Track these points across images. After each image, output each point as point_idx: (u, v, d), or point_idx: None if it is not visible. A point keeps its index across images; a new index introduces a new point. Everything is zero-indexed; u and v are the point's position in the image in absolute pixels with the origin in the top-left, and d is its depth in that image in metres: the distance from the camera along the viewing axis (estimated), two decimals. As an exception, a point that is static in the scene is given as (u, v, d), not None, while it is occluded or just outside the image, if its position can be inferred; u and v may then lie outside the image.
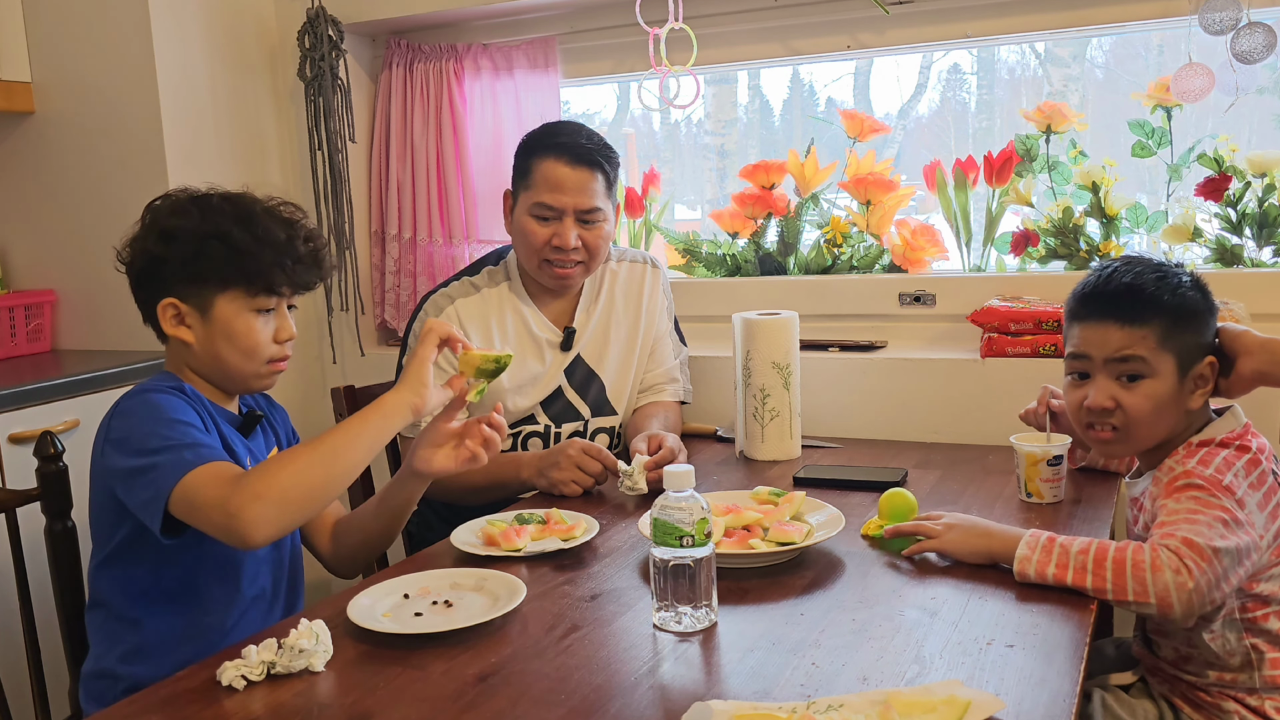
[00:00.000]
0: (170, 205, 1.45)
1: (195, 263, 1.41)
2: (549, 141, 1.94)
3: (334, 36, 2.58)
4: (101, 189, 2.56)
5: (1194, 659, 1.41)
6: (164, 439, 1.31)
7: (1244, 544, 1.26)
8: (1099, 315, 1.43)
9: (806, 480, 1.78)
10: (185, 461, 1.29)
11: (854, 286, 2.36)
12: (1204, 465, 1.34)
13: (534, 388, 2.00)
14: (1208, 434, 1.40)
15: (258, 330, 1.44)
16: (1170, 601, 1.20)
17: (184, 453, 1.30)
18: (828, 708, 0.98)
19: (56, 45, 2.55)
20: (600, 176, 1.93)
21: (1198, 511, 1.28)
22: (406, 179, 2.66)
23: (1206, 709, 1.39)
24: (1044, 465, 1.61)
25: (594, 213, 1.93)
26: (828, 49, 2.37)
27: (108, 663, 1.42)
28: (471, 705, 1.06)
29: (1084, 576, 1.24)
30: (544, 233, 1.92)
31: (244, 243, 1.41)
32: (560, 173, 1.91)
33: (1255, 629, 1.36)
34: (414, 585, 1.34)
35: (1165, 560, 1.21)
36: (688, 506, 1.19)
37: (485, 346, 1.98)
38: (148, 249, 1.43)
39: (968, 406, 2.11)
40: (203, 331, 1.43)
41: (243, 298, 1.43)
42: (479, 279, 2.04)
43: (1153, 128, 2.17)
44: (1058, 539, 1.29)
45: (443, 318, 1.98)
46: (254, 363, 1.45)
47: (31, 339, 2.63)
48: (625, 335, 2.09)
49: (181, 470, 1.28)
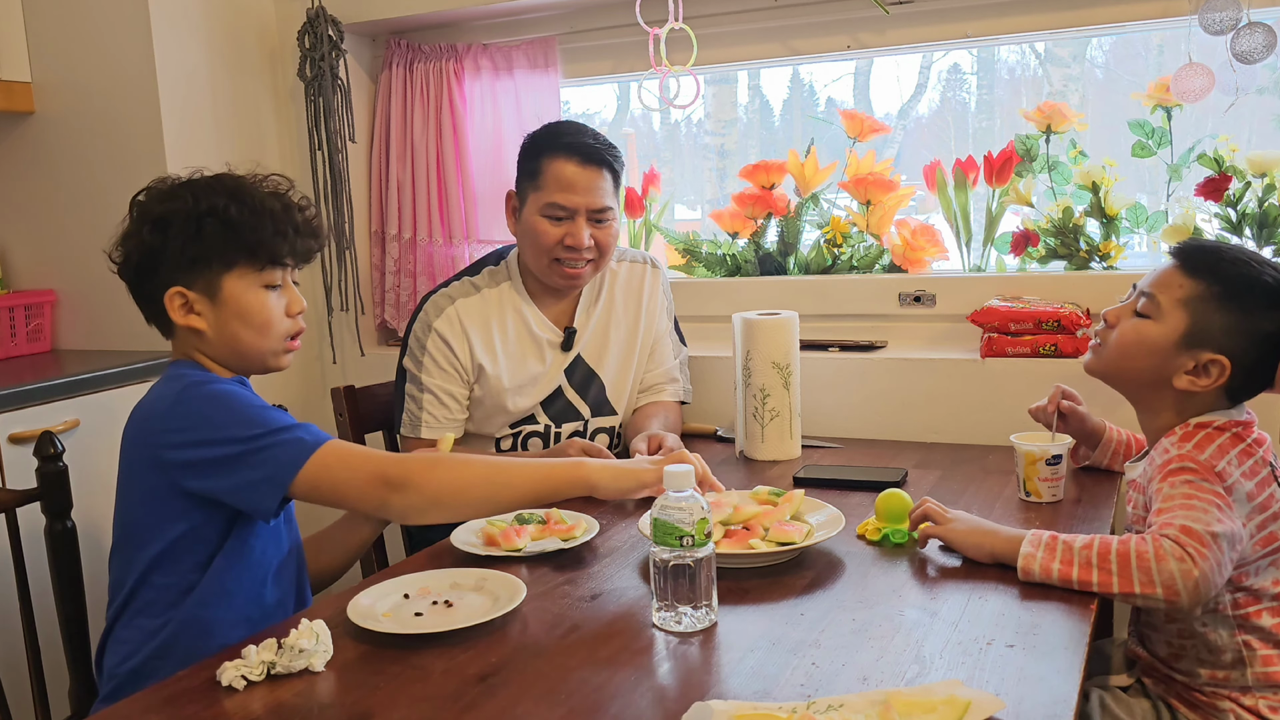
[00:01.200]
0: (157, 193, 1.41)
1: (195, 244, 1.37)
2: (558, 142, 1.94)
3: (334, 36, 2.58)
4: (101, 189, 2.56)
5: (1186, 656, 1.41)
6: (258, 424, 1.32)
7: (1235, 530, 1.26)
8: (1176, 259, 1.44)
9: (806, 480, 1.78)
10: (304, 443, 1.32)
11: (854, 286, 2.36)
12: (1198, 450, 1.34)
13: (534, 387, 2.00)
14: (1206, 418, 1.40)
15: (270, 305, 1.42)
16: (1177, 590, 1.20)
17: (297, 432, 1.33)
18: (828, 708, 0.98)
19: (56, 45, 2.55)
20: (609, 175, 1.94)
21: (1193, 497, 1.28)
22: (406, 179, 2.66)
23: (1202, 709, 1.39)
24: (1042, 465, 1.61)
25: (605, 211, 1.93)
26: (828, 49, 2.37)
27: (136, 661, 1.38)
28: (471, 705, 1.06)
29: (1089, 572, 1.25)
30: (556, 232, 1.92)
31: (242, 216, 1.38)
32: (571, 172, 1.91)
33: (1247, 625, 1.36)
34: (414, 585, 1.34)
35: (1168, 550, 1.21)
36: (688, 506, 1.19)
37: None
38: (142, 241, 1.39)
39: (968, 406, 2.11)
40: (214, 316, 1.40)
41: (251, 274, 1.40)
42: (479, 279, 2.04)
43: (1153, 128, 2.17)
44: (1060, 537, 1.30)
45: (443, 318, 1.98)
46: (271, 339, 1.43)
47: (31, 339, 2.63)
48: (625, 335, 2.09)
49: (306, 449, 1.31)
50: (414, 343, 2.00)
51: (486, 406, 1.99)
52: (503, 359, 1.99)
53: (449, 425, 1.98)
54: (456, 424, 2.00)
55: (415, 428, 1.98)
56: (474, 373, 1.98)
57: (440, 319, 1.98)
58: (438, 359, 1.97)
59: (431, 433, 1.97)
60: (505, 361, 1.99)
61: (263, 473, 1.31)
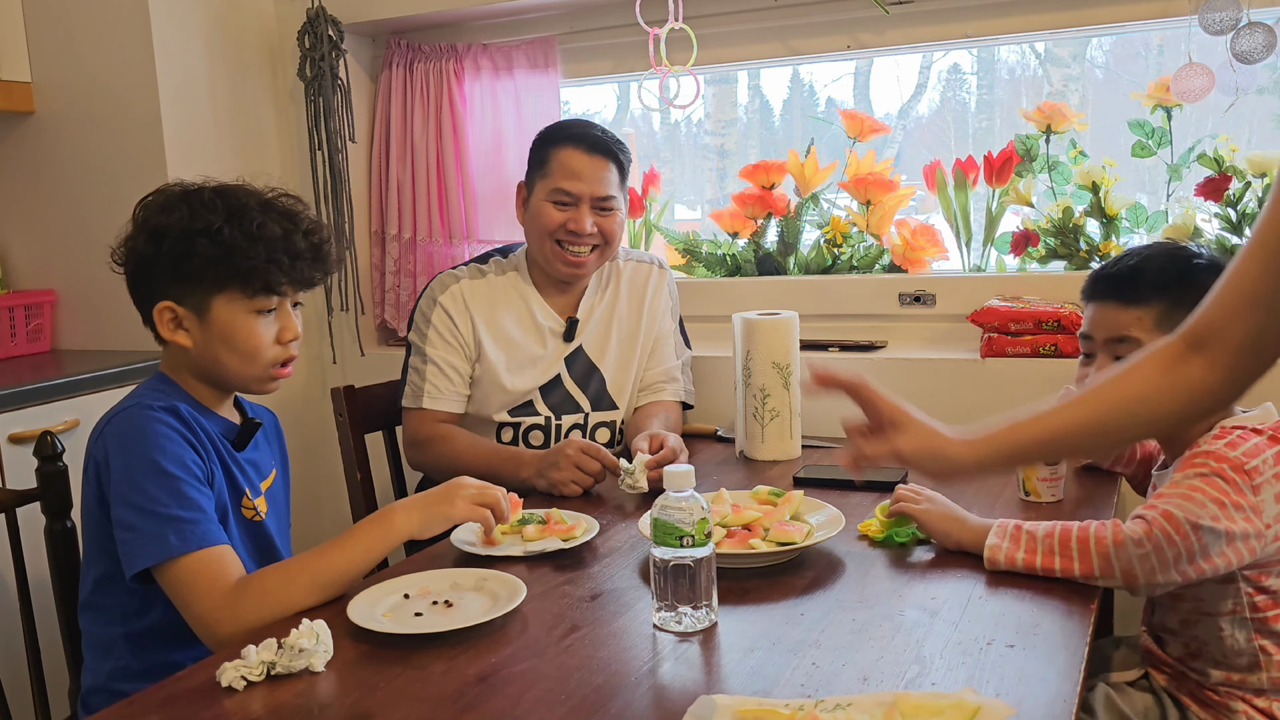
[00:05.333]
0: (160, 201, 1.38)
1: (185, 263, 1.34)
2: (566, 133, 2.01)
3: (334, 36, 2.58)
4: (101, 189, 2.56)
5: (1201, 656, 1.40)
6: (152, 499, 1.28)
7: (1239, 530, 1.25)
8: (1103, 296, 1.47)
9: (806, 480, 1.78)
10: (170, 546, 1.26)
11: (854, 286, 2.36)
12: (1231, 447, 1.31)
13: (533, 369, 2.02)
14: (1241, 420, 1.37)
15: (258, 333, 1.38)
16: (1134, 574, 1.23)
17: (168, 533, 1.27)
18: (835, 706, 0.98)
19: (56, 45, 2.55)
20: (615, 167, 2.00)
21: (1197, 489, 1.27)
22: (406, 179, 2.66)
23: (1215, 708, 1.39)
24: (1041, 465, 1.61)
25: (609, 200, 1.98)
26: (828, 49, 2.37)
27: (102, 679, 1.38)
28: (471, 705, 1.06)
29: (1052, 559, 1.27)
30: (560, 216, 1.98)
31: (235, 240, 1.33)
32: (578, 160, 1.97)
33: (1265, 630, 1.35)
34: (414, 585, 1.34)
35: (1130, 534, 1.24)
36: (688, 506, 1.19)
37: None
38: (137, 249, 1.37)
39: (968, 406, 2.11)
40: (200, 335, 1.37)
41: (240, 299, 1.36)
42: (486, 266, 2.09)
43: (1153, 128, 2.17)
44: (1024, 526, 1.31)
45: (448, 294, 2.03)
46: (255, 367, 1.40)
47: (31, 339, 2.63)
48: (627, 332, 2.10)
49: (165, 552, 1.26)
50: (419, 317, 2.05)
51: (485, 385, 2.02)
52: (504, 339, 2.03)
53: (450, 397, 2.01)
54: (458, 397, 2.02)
55: (417, 398, 2.01)
56: (475, 349, 2.02)
57: (445, 295, 2.03)
58: (441, 331, 2.01)
59: (433, 403, 2.00)
60: (506, 342, 2.03)
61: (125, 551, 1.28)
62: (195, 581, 1.27)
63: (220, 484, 1.39)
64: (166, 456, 1.31)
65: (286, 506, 1.58)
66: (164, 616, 1.34)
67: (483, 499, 1.40)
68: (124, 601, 1.37)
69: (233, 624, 1.25)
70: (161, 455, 1.30)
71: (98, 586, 1.39)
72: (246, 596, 1.27)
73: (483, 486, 1.41)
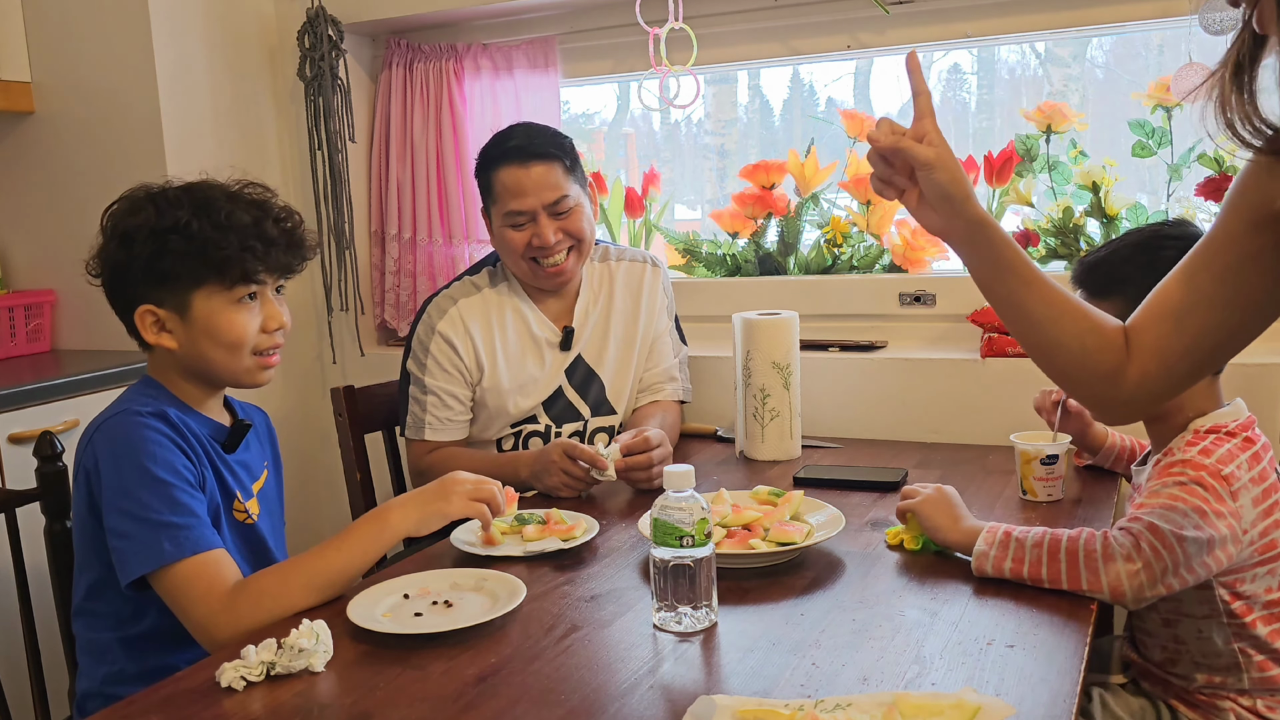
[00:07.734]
0: (126, 205, 1.38)
1: (159, 262, 1.34)
2: (495, 153, 1.97)
3: (334, 36, 2.58)
4: (101, 189, 2.53)
5: (1181, 660, 1.40)
6: (144, 506, 1.28)
7: (1219, 535, 1.26)
8: (1080, 285, 1.50)
9: (806, 480, 1.78)
10: (164, 553, 1.26)
11: (854, 286, 2.36)
12: (1205, 455, 1.33)
13: (535, 388, 2.01)
14: (1214, 421, 1.38)
15: (241, 323, 1.37)
16: (1122, 589, 1.23)
17: (162, 540, 1.26)
18: (835, 706, 0.98)
19: (56, 45, 2.55)
20: (556, 164, 1.95)
21: (1177, 499, 1.28)
22: (406, 179, 2.66)
23: (1202, 708, 1.39)
24: (1037, 464, 1.61)
25: (562, 200, 1.94)
26: (828, 49, 2.37)
27: (97, 683, 1.38)
28: (471, 705, 1.06)
29: (1039, 569, 1.27)
30: (522, 237, 1.95)
31: (206, 232, 1.33)
32: (515, 177, 1.93)
33: (1243, 634, 1.35)
34: (414, 585, 1.34)
35: (1116, 546, 1.24)
36: (688, 506, 1.19)
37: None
38: (110, 256, 1.37)
39: (968, 406, 2.11)
40: (184, 335, 1.37)
41: (219, 291, 1.36)
42: (479, 279, 2.06)
43: (1153, 128, 2.17)
44: (1014, 533, 1.31)
45: (446, 319, 2.00)
46: (242, 358, 1.39)
47: (31, 339, 2.63)
48: (624, 334, 2.09)
49: (159, 559, 1.26)
50: (417, 345, 2.02)
51: (490, 408, 2.00)
52: (504, 359, 2.00)
53: (452, 427, 1.99)
54: (460, 426, 2.00)
55: (419, 430, 1.99)
56: (477, 374, 1.99)
57: (444, 320, 2.00)
58: (441, 361, 1.98)
59: (435, 435, 1.99)
60: (507, 362, 2.00)
61: (119, 559, 1.28)
62: (191, 587, 1.27)
63: (211, 488, 1.39)
64: (157, 462, 1.30)
65: (280, 507, 1.58)
66: (158, 621, 1.34)
67: (478, 494, 1.40)
68: (118, 607, 1.36)
69: (231, 628, 1.25)
70: (152, 461, 1.30)
71: (91, 592, 1.38)
72: (244, 600, 1.27)
73: (478, 480, 1.41)
